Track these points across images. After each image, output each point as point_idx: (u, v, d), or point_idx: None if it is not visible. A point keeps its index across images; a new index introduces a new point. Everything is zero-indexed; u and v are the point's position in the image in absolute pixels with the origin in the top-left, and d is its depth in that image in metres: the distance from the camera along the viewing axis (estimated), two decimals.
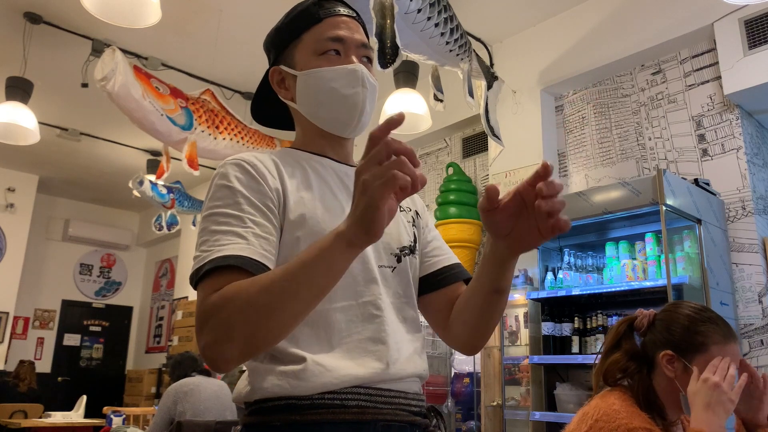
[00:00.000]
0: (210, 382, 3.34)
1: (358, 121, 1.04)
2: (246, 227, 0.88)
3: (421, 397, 1.00)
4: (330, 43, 1.03)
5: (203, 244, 0.88)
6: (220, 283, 0.83)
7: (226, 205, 0.91)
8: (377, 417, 0.90)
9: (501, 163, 3.94)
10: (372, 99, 1.06)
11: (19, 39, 4.17)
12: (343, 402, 0.88)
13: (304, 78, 1.04)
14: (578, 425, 1.38)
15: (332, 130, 1.05)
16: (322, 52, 1.03)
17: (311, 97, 1.04)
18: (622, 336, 1.50)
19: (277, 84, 1.09)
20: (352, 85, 1.02)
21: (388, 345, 0.94)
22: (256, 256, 0.86)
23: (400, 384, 0.95)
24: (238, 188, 0.92)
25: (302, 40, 1.05)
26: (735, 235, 3.02)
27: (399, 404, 0.94)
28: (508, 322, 3.39)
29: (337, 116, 1.04)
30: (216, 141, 4.10)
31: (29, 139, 4.22)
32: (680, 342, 1.40)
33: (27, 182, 7.21)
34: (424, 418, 0.99)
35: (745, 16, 3.08)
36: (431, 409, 1.02)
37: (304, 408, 0.87)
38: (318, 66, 1.02)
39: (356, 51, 1.05)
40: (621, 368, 1.44)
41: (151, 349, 8.31)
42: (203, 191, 5.99)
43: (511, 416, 3.22)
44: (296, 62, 1.05)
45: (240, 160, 0.96)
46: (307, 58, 1.04)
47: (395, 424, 0.92)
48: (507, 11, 3.93)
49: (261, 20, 4.03)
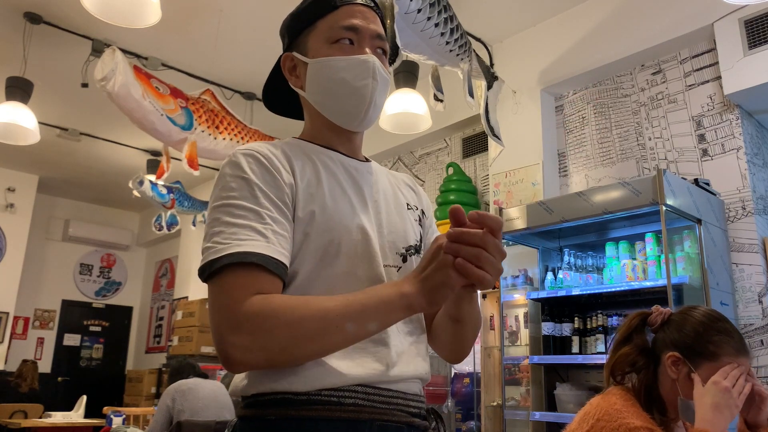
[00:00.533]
0: (207, 382, 3.36)
1: (366, 114, 1.02)
2: (265, 224, 0.87)
3: (421, 399, 0.99)
4: (344, 31, 1.00)
5: (217, 234, 0.86)
6: (249, 282, 0.83)
7: (243, 197, 0.89)
8: (374, 416, 0.89)
9: (501, 163, 3.94)
10: (383, 92, 1.03)
11: (19, 39, 4.17)
12: (340, 400, 0.87)
13: (314, 66, 1.01)
14: (579, 424, 1.38)
15: (339, 121, 1.03)
16: (335, 41, 1.01)
17: (320, 86, 1.02)
18: (634, 329, 1.48)
19: (288, 71, 1.07)
20: (363, 77, 1.00)
21: (389, 346, 0.93)
22: (276, 254, 0.86)
23: (400, 384, 0.94)
24: (254, 181, 0.90)
25: (316, 26, 1.03)
26: (735, 235, 3.02)
27: (397, 405, 0.93)
28: (508, 322, 3.39)
29: (344, 107, 1.02)
30: (216, 141, 4.10)
31: (29, 139, 4.22)
32: (690, 346, 1.39)
33: (27, 182, 7.21)
34: (423, 420, 0.97)
35: (745, 16, 3.08)
36: (431, 411, 1.01)
37: (301, 403, 0.86)
38: (330, 55, 1.00)
39: (370, 42, 1.03)
40: (630, 362, 1.43)
41: (151, 349, 8.31)
42: (203, 191, 6.01)
43: (511, 416, 3.22)
44: (309, 49, 1.03)
45: (254, 151, 0.94)
46: (319, 46, 1.02)
47: (392, 425, 0.91)
48: (507, 11, 3.93)
49: (261, 20, 4.03)
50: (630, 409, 1.35)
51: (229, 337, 0.81)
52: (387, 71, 1.04)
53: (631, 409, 1.36)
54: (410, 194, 1.13)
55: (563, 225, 3.01)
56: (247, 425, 0.90)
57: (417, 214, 1.11)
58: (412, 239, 1.05)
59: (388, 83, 1.05)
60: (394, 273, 1.00)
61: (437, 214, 4.21)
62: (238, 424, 0.92)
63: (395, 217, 1.04)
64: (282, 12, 1.11)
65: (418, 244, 1.06)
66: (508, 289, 3.37)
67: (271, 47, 4.38)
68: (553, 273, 3.27)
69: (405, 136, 4.69)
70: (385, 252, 0.99)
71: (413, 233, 1.06)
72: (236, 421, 0.93)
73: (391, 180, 1.11)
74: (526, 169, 3.86)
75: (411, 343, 0.98)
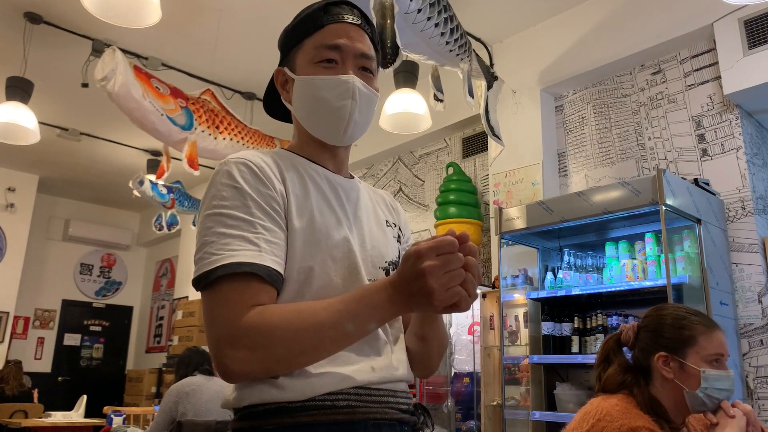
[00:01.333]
0: (212, 382, 3.34)
1: (345, 132, 1.04)
2: (257, 233, 0.89)
3: (409, 395, 1.02)
4: (327, 51, 1.03)
5: (209, 245, 0.88)
6: (245, 294, 0.85)
7: (235, 207, 0.90)
8: (368, 416, 0.91)
9: (501, 163, 3.94)
10: (365, 110, 1.05)
11: (20, 39, 4.17)
12: (334, 403, 0.89)
13: (299, 83, 1.05)
14: (579, 424, 1.39)
15: (321, 137, 1.06)
16: (318, 60, 1.03)
17: (304, 103, 1.05)
18: (610, 351, 1.54)
19: (280, 85, 1.10)
20: (342, 97, 1.02)
21: (376, 352, 0.96)
22: (269, 263, 0.88)
23: (388, 384, 0.97)
24: (246, 190, 0.91)
25: (303, 45, 1.05)
26: (735, 235, 3.03)
27: (388, 403, 0.95)
28: (508, 322, 3.39)
29: (325, 125, 1.04)
30: (216, 141, 4.10)
31: (29, 139, 4.22)
32: (670, 341, 1.44)
33: (27, 182, 7.21)
34: (412, 416, 1.00)
35: (745, 16, 3.08)
36: (418, 406, 1.04)
37: (296, 410, 0.87)
38: (313, 73, 1.03)
39: (354, 61, 1.04)
40: (619, 382, 1.47)
41: (152, 349, 8.31)
42: (203, 191, 6.00)
43: (511, 416, 3.22)
44: (296, 66, 1.06)
45: (246, 160, 0.95)
46: (305, 64, 1.04)
47: (385, 422, 0.93)
48: (507, 11, 3.93)
49: (261, 20, 4.03)
50: (632, 410, 1.36)
51: (228, 351, 0.83)
52: (372, 89, 1.06)
53: (632, 410, 1.37)
54: (390, 212, 1.16)
55: (563, 225, 3.01)
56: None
57: (396, 231, 1.14)
58: (392, 255, 1.07)
59: (374, 99, 1.07)
60: None
61: (437, 214, 4.21)
62: None
63: (377, 233, 1.07)
64: (282, 12, 1.13)
65: (396, 260, 1.08)
66: (507, 288, 3.37)
67: (271, 47, 4.35)
68: (553, 273, 3.27)
69: (405, 136, 4.69)
70: (368, 266, 1.01)
71: (392, 250, 1.09)
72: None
73: (373, 197, 1.14)
74: (526, 169, 3.86)
75: (397, 350, 1.02)
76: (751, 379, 2.85)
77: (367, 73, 1.06)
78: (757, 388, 2.83)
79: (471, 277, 0.80)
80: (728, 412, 1.37)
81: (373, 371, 0.94)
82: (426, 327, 1.06)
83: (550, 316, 3.18)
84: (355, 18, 1.07)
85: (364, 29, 1.08)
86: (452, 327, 3.87)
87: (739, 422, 1.35)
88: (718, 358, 1.42)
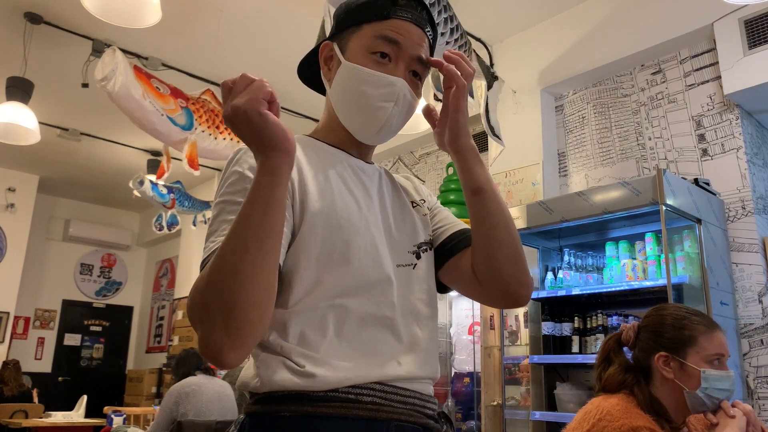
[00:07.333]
0: (212, 382, 3.34)
1: (378, 134, 1.01)
2: None
3: (435, 401, 0.98)
4: (384, 44, 0.98)
5: (212, 234, 0.86)
6: None
7: (236, 193, 0.88)
8: (392, 416, 0.88)
9: (501, 163, 3.94)
10: (402, 116, 1.01)
11: (20, 39, 4.17)
12: (358, 397, 0.86)
13: (345, 68, 0.99)
14: (580, 424, 1.39)
15: (350, 129, 1.02)
16: (372, 51, 0.98)
17: (343, 90, 1.00)
18: (611, 350, 1.54)
19: (324, 59, 1.05)
20: (385, 99, 0.97)
21: (402, 344, 0.93)
22: None
23: (415, 384, 0.93)
24: (248, 176, 0.89)
25: (361, 29, 1.00)
26: (735, 235, 3.03)
27: (414, 405, 0.92)
28: (508, 322, 3.39)
29: (358, 120, 1.00)
30: (216, 141, 4.10)
31: (29, 139, 4.22)
32: (670, 341, 1.44)
33: (27, 182, 7.21)
34: (436, 423, 0.96)
35: (745, 15, 3.08)
36: (441, 414, 1.00)
37: (318, 399, 0.84)
38: (363, 63, 0.98)
39: (407, 63, 1.00)
40: (619, 382, 1.47)
41: (152, 349, 8.31)
42: (203, 191, 6.00)
43: (511, 416, 3.22)
44: (348, 48, 1.01)
45: None
46: (357, 50, 0.99)
47: (409, 426, 0.89)
48: (507, 11, 3.93)
49: (261, 20, 4.03)
50: (633, 410, 1.37)
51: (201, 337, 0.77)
52: (415, 95, 1.01)
53: (633, 410, 1.37)
54: (414, 191, 1.13)
55: (563, 225, 3.01)
56: (258, 422, 0.87)
57: (425, 208, 1.10)
58: (422, 236, 1.05)
59: (415, 107, 1.03)
60: (409, 271, 0.99)
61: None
62: (246, 421, 0.88)
63: (403, 217, 1.04)
64: (282, 12, 1.12)
65: (430, 239, 1.06)
66: None
67: (271, 47, 4.40)
68: (553, 273, 3.27)
69: (405, 136, 4.69)
70: (397, 251, 0.99)
71: (424, 230, 1.06)
72: (244, 418, 0.89)
73: (396, 182, 1.11)
74: (526, 169, 3.86)
75: (424, 340, 0.97)
76: (751, 379, 2.85)
77: (415, 79, 1.02)
78: (757, 388, 2.83)
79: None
80: (728, 412, 1.37)
81: (400, 365, 0.91)
82: (473, 170, 1.00)
83: (551, 316, 3.18)
84: (422, 20, 1.02)
85: (427, 35, 1.03)
86: (452, 327, 3.87)
87: (739, 422, 1.35)
88: (718, 358, 1.42)
